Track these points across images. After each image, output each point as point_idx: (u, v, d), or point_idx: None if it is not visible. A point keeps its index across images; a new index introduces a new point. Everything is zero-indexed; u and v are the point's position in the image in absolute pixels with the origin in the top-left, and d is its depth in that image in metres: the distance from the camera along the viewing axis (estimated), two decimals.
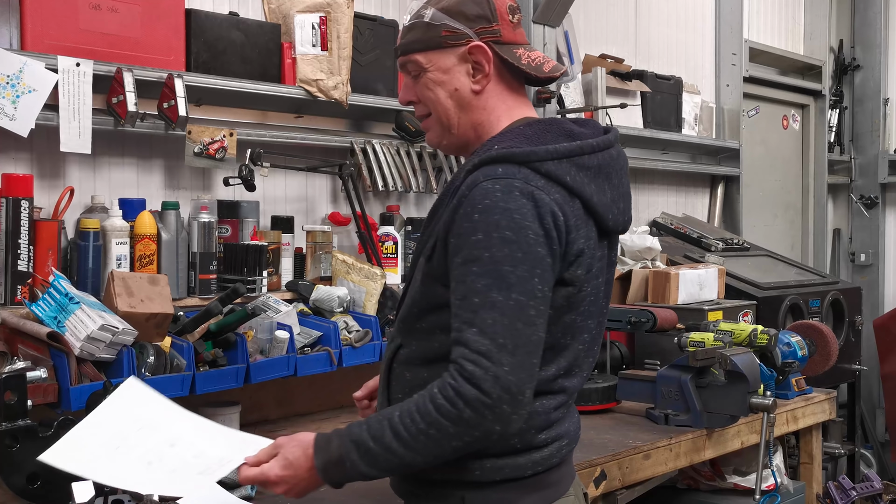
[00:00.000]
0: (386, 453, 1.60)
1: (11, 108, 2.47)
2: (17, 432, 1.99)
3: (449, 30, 1.73)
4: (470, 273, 1.57)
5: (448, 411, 1.55)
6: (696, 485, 3.24)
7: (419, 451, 1.58)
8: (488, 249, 1.56)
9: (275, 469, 1.66)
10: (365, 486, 2.26)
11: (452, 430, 1.55)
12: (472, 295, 1.56)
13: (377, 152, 3.39)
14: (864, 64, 6.29)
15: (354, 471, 1.62)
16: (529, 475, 1.72)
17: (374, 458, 1.61)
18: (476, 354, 1.54)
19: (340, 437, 1.63)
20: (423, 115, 1.83)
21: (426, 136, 1.86)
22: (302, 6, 3.19)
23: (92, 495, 1.91)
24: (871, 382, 5.79)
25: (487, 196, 1.59)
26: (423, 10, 1.76)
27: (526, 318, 1.56)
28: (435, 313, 1.69)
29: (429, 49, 1.75)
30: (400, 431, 1.58)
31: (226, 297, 2.65)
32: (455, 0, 1.74)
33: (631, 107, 4.42)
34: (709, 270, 3.85)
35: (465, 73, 1.75)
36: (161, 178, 2.97)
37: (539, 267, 1.58)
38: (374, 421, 1.63)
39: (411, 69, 1.79)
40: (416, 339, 1.74)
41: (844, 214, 6.44)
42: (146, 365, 2.42)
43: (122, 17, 2.75)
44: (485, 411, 1.54)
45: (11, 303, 2.47)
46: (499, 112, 1.78)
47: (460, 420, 1.54)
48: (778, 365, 3.12)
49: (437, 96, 1.77)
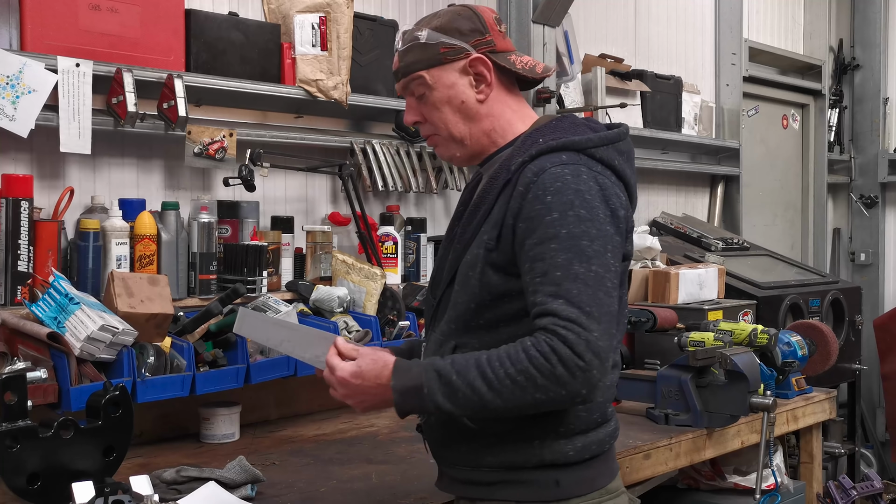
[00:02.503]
0: (467, 389, 1.62)
1: (11, 108, 2.47)
2: (17, 433, 1.99)
3: (446, 46, 1.81)
4: (549, 250, 1.64)
5: (541, 364, 1.59)
6: (696, 484, 3.24)
7: (501, 394, 1.61)
8: (565, 227, 1.65)
9: (345, 371, 1.71)
10: (366, 487, 2.27)
11: (540, 382, 1.60)
12: (554, 269, 1.63)
13: (377, 152, 3.39)
14: (863, 63, 6.29)
15: (430, 400, 1.64)
16: (606, 449, 1.83)
17: (454, 392, 1.63)
18: (567, 321, 1.60)
19: (422, 366, 1.68)
20: (429, 133, 1.89)
21: (437, 151, 1.92)
22: (302, 6, 3.19)
23: (92, 495, 1.91)
24: (872, 382, 5.79)
25: (558, 179, 1.68)
26: (417, 33, 1.83)
27: (605, 289, 1.64)
28: (496, 306, 1.75)
29: (430, 66, 1.82)
30: (486, 371, 1.62)
31: (226, 297, 2.65)
32: (446, 19, 1.83)
33: (631, 106, 4.42)
34: (709, 270, 3.85)
35: (469, 85, 1.83)
36: (161, 179, 2.97)
37: (610, 243, 1.68)
38: (460, 358, 1.67)
39: (415, 89, 1.84)
40: (476, 336, 1.77)
41: (844, 214, 6.44)
42: (146, 365, 2.42)
43: (121, 18, 2.75)
44: (577, 372, 1.59)
45: (11, 303, 2.47)
46: (507, 116, 1.87)
47: (552, 375, 1.59)
48: (778, 364, 3.12)
49: (444, 114, 1.84)
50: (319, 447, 2.67)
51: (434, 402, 1.64)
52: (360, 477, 2.35)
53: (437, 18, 1.84)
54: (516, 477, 1.78)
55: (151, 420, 2.69)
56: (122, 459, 2.15)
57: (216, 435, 2.71)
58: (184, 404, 2.69)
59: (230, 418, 2.74)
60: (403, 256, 3.43)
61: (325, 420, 3.00)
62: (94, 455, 2.09)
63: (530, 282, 1.66)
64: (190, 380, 2.49)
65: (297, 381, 2.90)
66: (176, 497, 2.04)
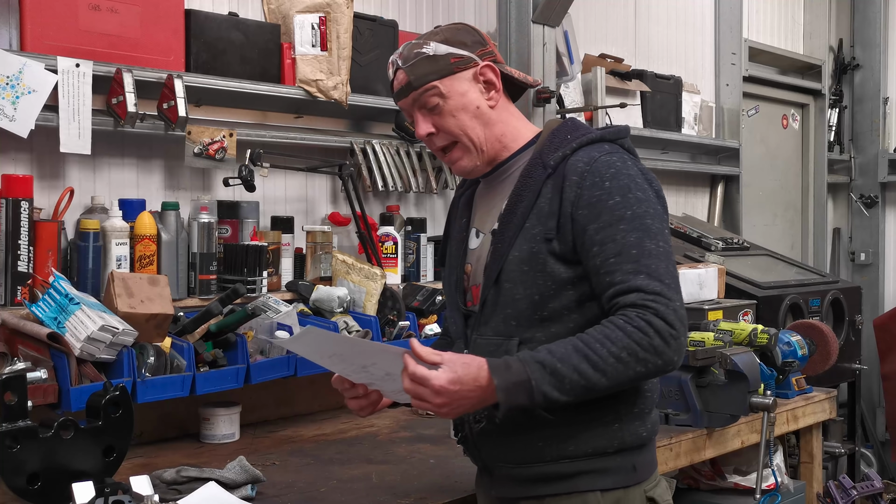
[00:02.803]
0: (574, 374, 1.65)
1: (11, 108, 2.47)
2: (17, 433, 1.99)
3: (456, 56, 1.86)
4: (618, 231, 1.72)
5: (640, 338, 1.65)
6: (696, 484, 3.24)
7: (606, 373, 1.65)
8: (629, 208, 1.74)
9: (442, 380, 1.64)
10: (366, 486, 2.27)
11: (641, 356, 1.66)
12: (629, 248, 1.71)
13: (377, 152, 3.39)
14: (863, 63, 6.29)
15: (538, 391, 1.65)
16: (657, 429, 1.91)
17: (561, 380, 1.65)
18: (653, 294, 1.68)
19: (521, 360, 1.67)
20: (444, 145, 1.91)
21: (457, 165, 1.92)
22: (301, 6, 3.19)
23: (92, 496, 1.91)
24: (872, 382, 5.79)
25: (611, 166, 1.78)
26: (424, 47, 1.87)
27: (672, 263, 1.76)
28: (561, 295, 1.78)
29: (442, 77, 1.85)
30: (589, 354, 1.65)
31: (226, 297, 2.65)
32: (449, 33, 1.89)
33: (630, 106, 4.42)
34: (709, 270, 3.85)
35: (479, 93, 1.88)
36: (161, 179, 2.97)
37: (663, 222, 1.78)
38: (554, 347, 1.68)
39: (428, 100, 1.87)
40: (541, 328, 1.80)
41: (844, 214, 6.44)
42: (146, 365, 2.42)
43: (121, 18, 2.75)
44: (671, 341, 1.67)
45: (11, 303, 2.47)
46: (513, 120, 1.94)
47: (651, 347, 1.66)
48: (778, 364, 3.12)
49: (462, 121, 1.87)
50: (319, 447, 2.67)
51: (542, 393, 1.65)
52: (360, 477, 2.35)
53: (437, 34, 1.89)
54: (599, 465, 1.81)
55: (151, 420, 2.69)
56: (122, 459, 2.15)
57: (216, 435, 2.71)
58: (184, 404, 2.70)
59: (230, 418, 2.74)
60: (403, 256, 3.43)
61: (325, 420, 3.00)
62: (95, 455, 2.09)
63: (602, 263, 1.73)
64: (190, 380, 2.49)
65: (297, 381, 2.90)
66: (176, 497, 2.04)
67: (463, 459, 2.07)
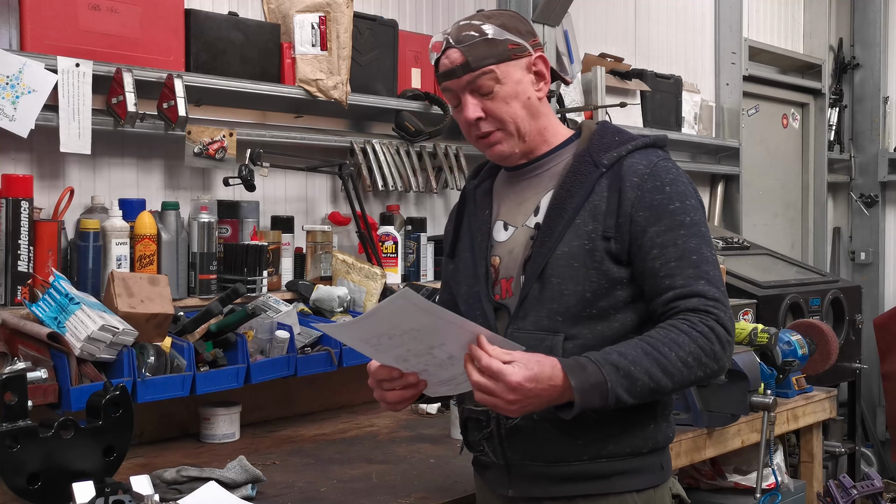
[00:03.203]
0: (645, 377, 1.66)
1: (11, 108, 2.47)
2: (17, 433, 1.99)
3: (513, 43, 1.83)
4: (679, 236, 1.76)
5: (704, 343, 1.69)
6: (696, 484, 3.24)
7: (674, 377, 1.68)
8: (688, 214, 1.78)
9: (518, 376, 1.59)
10: (366, 486, 2.27)
11: (703, 361, 1.70)
12: (690, 253, 1.75)
13: (377, 152, 3.39)
14: (863, 62, 6.29)
15: (612, 394, 1.65)
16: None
17: (633, 383, 1.66)
18: (713, 300, 1.73)
19: (594, 361, 1.66)
20: (490, 130, 1.86)
21: (495, 150, 1.88)
22: (301, 6, 3.18)
23: (92, 495, 1.91)
24: (872, 381, 5.79)
25: (669, 172, 1.81)
26: (484, 28, 1.83)
27: (720, 270, 1.80)
28: (611, 294, 1.79)
29: (500, 62, 1.82)
30: (659, 358, 1.67)
31: (226, 297, 2.65)
32: (505, 18, 1.86)
33: (630, 106, 4.42)
34: None
35: (531, 83, 1.86)
36: (161, 179, 2.97)
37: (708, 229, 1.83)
38: (624, 348, 1.68)
39: (484, 84, 1.82)
40: (587, 326, 1.79)
41: (844, 213, 6.44)
42: (146, 365, 2.42)
43: (121, 18, 2.75)
44: (728, 347, 1.73)
45: (12, 303, 2.47)
46: (552, 116, 1.93)
47: (712, 352, 1.70)
48: (778, 364, 3.12)
49: (513, 108, 1.84)
50: (319, 447, 2.67)
51: (616, 395, 1.65)
52: (360, 477, 2.35)
53: (494, 18, 1.86)
54: (635, 465, 1.82)
55: (152, 420, 2.69)
56: (122, 459, 2.15)
57: (216, 435, 2.71)
58: (184, 404, 2.70)
59: (230, 418, 2.74)
60: (403, 256, 3.43)
61: (325, 420, 3.00)
62: (95, 455, 2.09)
63: (661, 266, 1.75)
64: (190, 380, 2.49)
65: (297, 381, 2.90)
66: (176, 497, 2.04)
67: (463, 459, 2.07)
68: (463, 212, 2.03)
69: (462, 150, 3.67)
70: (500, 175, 2.00)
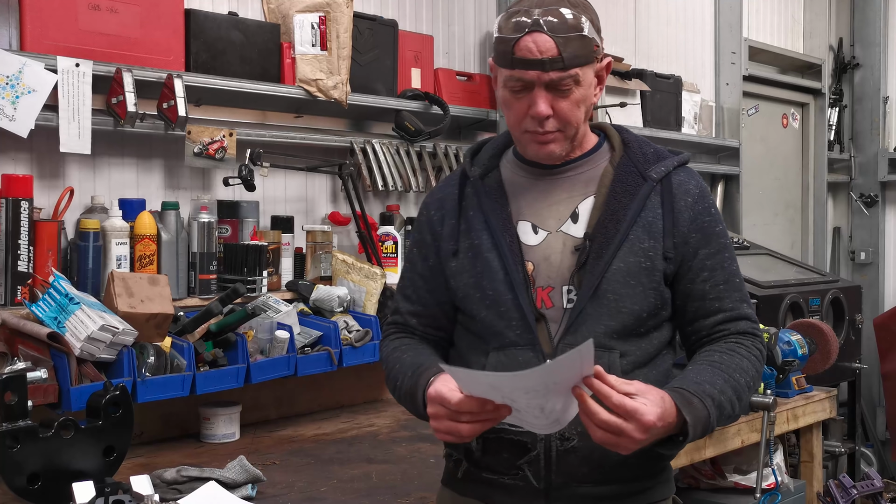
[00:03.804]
0: (728, 406, 1.68)
1: (11, 108, 2.47)
2: (17, 433, 1.99)
3: (596, 44, 1.70)
4: (724, 259, 1.79)
5: (759, 367, 1.76)
6: (696, 483, 3.24)
7: (743, 402, 1.72)
8: (726, 238, 1.81)
9: (652, 415, 1.51)
10: (366, 486, 2.27)
11: (753, 384, 1.75)
12: (733, 277, 1.79)
13: (377, 152, 3.39)
14: (863, 62, 6.29)
15: (712, 427, 1.66)
16: None
17: (721, 411, 1.66)
18: (755, 324, 1.80)
19: (696, 395, 1.62)
20: (552, 130, 1.72)
21: (547, 148, 1.73)
22: (301, 6, 3.18)
23: (92, 495, 1.91)
24: (872, 381, 5.78)
25: (709, 194, 1.83)
26: (581, 22, 1.67)
27: None
28: (657, 315, 1.76)
29: (586, 64, 1.69)
30: (736, 386, 1.69)
31: (226, 297, 2.65)
32: (592, 12, 1.72)
33: (630, 106, 4.41)
34: None
35: (593, 87, 1.74)
36: (161, 179, 2.97)
37: None
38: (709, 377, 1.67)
39: (565, 83, 1.67)
40: (633, 343, 1.74)
41: (844, 213, 6.43)
42: (146, 365, 2.42)
43: (121, 18, 2.75)
44: (764, 367, 1.81)
45: (11, 303, 2.47)
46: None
47: (758, 374, 1.77)
48: (778, 363, 3.12)
49: (580, 112, 1.72)
50: (319, 447, 2.67)
51: (712, 427, 1.65)
52: (360, 477, 2.35)
53: (580, 7, 1.68)
54: (663, 476, 1.82)
55: (152, 420, 2.69)
56: (122, 459, 2.15)
57: (216, 435, 2.71)
58: (184, 404, 2.70)
59: (230, 418, 2.74)
60: (403, 256, 3.43)
61: (325, 420, 3.00)
62: (95, 455, 2.09)
63: (711, 289, 1.77)
64: (190, 380, 2.49)
65: (297, 381, 2.90)
66: (176, 497, 2.05)
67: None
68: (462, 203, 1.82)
69: (462, 151, 3.67)
70: (511, 167, 1.84)
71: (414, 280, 1.88)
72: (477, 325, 1.78)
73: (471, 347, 1.81)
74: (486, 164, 1.84)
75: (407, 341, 1.88)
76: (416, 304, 1.88)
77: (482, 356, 1.77)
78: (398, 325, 1.91)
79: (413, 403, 1.75)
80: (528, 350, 1.73)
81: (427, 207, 1.89)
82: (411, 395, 1.75)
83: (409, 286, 1.89)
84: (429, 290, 1.86)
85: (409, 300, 1.88)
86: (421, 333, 1.89)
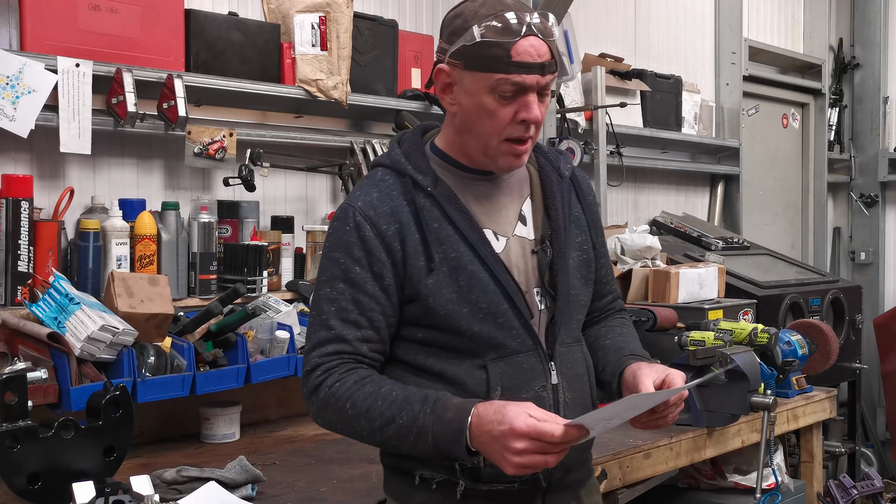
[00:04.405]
0: None
1: (11, 108, 2.47)
2: (17, 433, 1.99)
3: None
4: (605, 245, 1.97)
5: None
6: (696, 484, 3.24)
7: None
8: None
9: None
10: (366, 486, 2.27)
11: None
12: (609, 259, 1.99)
13: (377, 152, 3.38)
14: (863, 62, 6.29)
15: None
16: None
17: None
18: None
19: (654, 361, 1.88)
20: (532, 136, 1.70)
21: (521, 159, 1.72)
22: (301, 6, 3.19)
23: (92, 496, 1.91)
24: (872, 381, 5.79)
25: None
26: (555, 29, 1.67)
27: None
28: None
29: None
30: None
31: (226, 297, 2.65)
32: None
33: (631, 106, 4.41)
34: (709, 269, 3.85)
35: None
36: (161, 179, 2.97)
37: None
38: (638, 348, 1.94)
39: (548, 88, 1.68)
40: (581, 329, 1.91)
41: (844, 213, 6.44)
42: (146, 365, 2.42)
43: (121, 18, 2.75)
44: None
45: (12, 303, 2.47)
46: None
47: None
48: (778, 364, 3.12)
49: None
50: (319, 447, 2.67)
51: None
52: (360, 477, 2.35)
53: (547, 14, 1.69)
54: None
55: (152, 420, 2.69)
56: (122, 459, 2.15)
57: (216, 435, 2.71)
58: (184, 404, 2.70)
59: (230, 418, 2.74)
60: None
61: None
62: (95, 455, 2.09)
63: (606, 274, 1.97)
64: (190, 380, 2.49)
65: (297, 381, 2.90)
66: (176, 497, 2.04)
67: None
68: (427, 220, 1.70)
69: None
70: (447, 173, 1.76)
71: (361, 302, 1.69)
72: (464, 341, 1.70)
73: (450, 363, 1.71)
74: (427, 171, 1.74)
75: (369, 372, 1.70)
76: (366, 328, 1.69)
77: (476, 370, 1.70)
78: (344, 355, 1.69)
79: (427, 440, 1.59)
80: (532, 355, 1.73)
81: (369, 221, 1.69)
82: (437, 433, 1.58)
83: (354, 310, 1.69)
84: (383, 313, 1.70)
85: (356, 325, 1.69)
86: (369, 362, 1.71)
